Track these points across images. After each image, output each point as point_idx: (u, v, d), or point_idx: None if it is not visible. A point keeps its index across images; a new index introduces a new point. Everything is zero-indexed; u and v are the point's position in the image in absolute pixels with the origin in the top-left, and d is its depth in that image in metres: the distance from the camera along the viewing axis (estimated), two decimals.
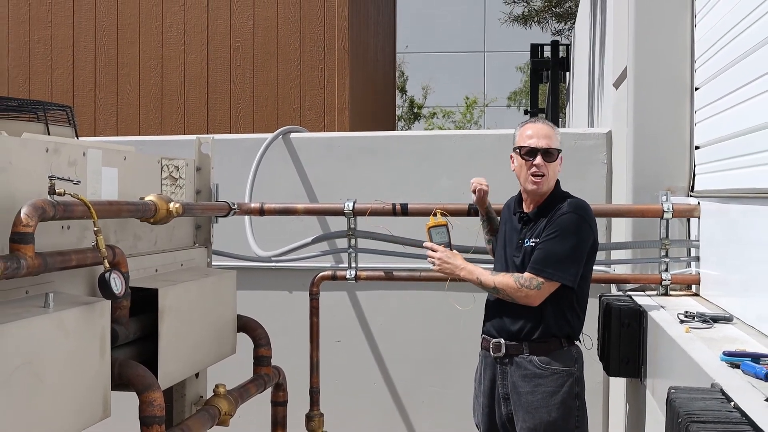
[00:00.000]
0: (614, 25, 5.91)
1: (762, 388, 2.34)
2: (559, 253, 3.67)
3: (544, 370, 3.71)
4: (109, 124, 9.39)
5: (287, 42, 9.15)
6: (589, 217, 3.79)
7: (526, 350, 3.73)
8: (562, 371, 3.72)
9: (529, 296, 3.66)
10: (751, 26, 3.36)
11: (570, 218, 3.71)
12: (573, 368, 3.75)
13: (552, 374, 3.71)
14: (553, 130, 3.87)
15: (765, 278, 3.18)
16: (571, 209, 3.73)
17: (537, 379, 3.71)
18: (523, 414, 3.71)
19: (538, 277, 3.65)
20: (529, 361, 3.72)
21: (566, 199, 3.80)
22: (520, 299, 3.68)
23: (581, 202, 3.82)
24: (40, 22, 9.54)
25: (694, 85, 4.45)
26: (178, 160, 4.06)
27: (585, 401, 3.80)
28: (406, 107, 27.21)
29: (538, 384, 3.70)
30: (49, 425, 2.59)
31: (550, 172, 3.80)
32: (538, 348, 3.72)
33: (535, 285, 3.65)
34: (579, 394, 3.76)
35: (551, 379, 3.70)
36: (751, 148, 3.35)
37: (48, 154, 2.98)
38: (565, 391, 3.70)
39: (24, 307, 2.62)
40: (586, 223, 3.75)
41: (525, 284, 3.65)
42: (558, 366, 3.71)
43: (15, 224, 2.59)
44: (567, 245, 3.68)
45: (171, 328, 3.41)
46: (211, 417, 3.69)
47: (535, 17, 15.65)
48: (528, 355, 3.73)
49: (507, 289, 3.69)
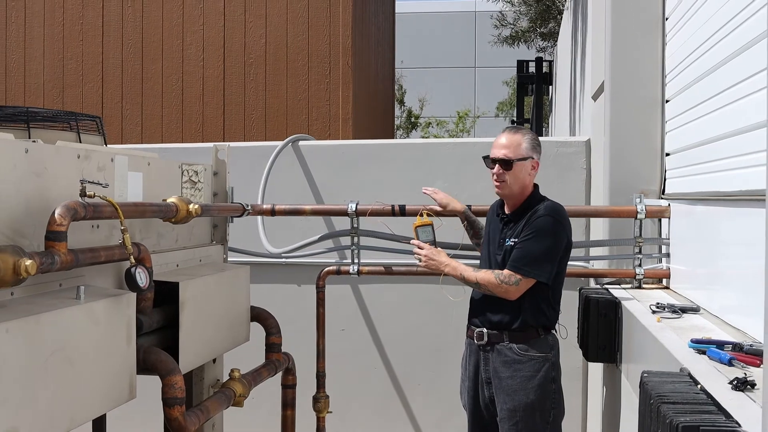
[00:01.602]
0: (592, 43, 5.91)
1: (725, 372, 2.34)
2: (536, 252, 3.68)
3: (523, 357, 3.72)
4: (134, 133, 9.39)
5: (296, 58, 9.15)
6: (563, 219, 3.79)
7: (506, 339, 3.75)
8: (539, 357, 3.73)
9: (508, 291, 3.68)
10: (713, 47, 3.37)
11: (546, 220, 3.71)
12: (549, 354, 3.76)
13: (530, 360, 3.72)
14: (515, 139, 3.82)
15: (728, 273, 3.19)
16: (547, 212, 3.73)
17: (516, 364, 3.72)
18: (504, 396, 3.73)
19: (517, 274, 3.66)
20: (509, 348, 3.74)
21: (543, 202, 3.80)
22: (500, 294, 3.70)
23: (556, 205, 3.82)
24: (72, 41, 9.55)
25: (664, 98, 4.45)
26: (197, 165, 4.06)
27: (561, 385, 3.81)
28: (404, 117, 27.17)
29: (517, 369, 3.72)
30: (81, 405, 2.59)
31: (509, 178, 3.79)
32: (517, 337, 3.74)
33: (513, 281, 3.66)
34: (555, 378, 3.77)
35: (529, 364, 3.72)
36: (714, 156, 3.36)
37: (79, 160, 2.99)
38: (541, 376, 3.71)
39: (58, 298, 2.63)
40: (560, 225, 3.75)
41: (504, 280, 3.67)
42: (535, 353, 3.73)
43: (50, 223, 2.59)
44: (543, 245, 3.69)
45: (190, 318, 3.42)
46: (227, 398, 3.70)
47: (522, 38, 15.66)
48: (508, 343, 3.74)
49: (488, 285, 3.71)
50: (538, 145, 3.89)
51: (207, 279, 3.66)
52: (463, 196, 5.49)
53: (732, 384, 2.17)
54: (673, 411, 2.01)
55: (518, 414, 3.69)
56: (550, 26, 15.24)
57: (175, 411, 3.11)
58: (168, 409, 3.10)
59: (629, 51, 4.55)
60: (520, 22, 15.62)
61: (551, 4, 14.62)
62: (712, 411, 2.01)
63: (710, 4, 3.47)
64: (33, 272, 2.37)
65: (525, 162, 3.81)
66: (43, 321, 2.39)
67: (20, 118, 3.29)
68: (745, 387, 2.15)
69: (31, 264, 2.35)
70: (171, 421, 3.14)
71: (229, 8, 9.28)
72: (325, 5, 9.10)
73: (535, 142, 3.86)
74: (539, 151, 3.89)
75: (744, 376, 2.19)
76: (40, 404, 2.37)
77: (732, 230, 3.12)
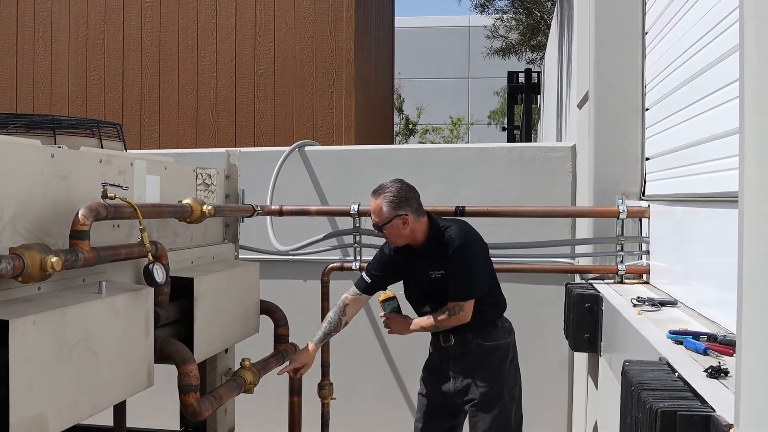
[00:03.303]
0: (578, 55, 5.91)
1: (701, 361, 2.34)
2: (467, 281, 3.75)
3: (488, 348, 3.83)
4: (152, 139, 9.39)
5: (302, 70, 9.15)
6: (472, 237, 3.79)
7: (470, 337, 3.83)
8: (502, 344, 3.86)
9: (460, 318, 3.76)
10: (690, 59, 3.37)
11: (460, 250, 3.71)
12: (508, 339, 3.90)
13: (495, 349, 3.83)
14: (376, 205, 3.76)
15: (704, 269, 3.19)
16: (456, 239, 3.71)
17: (483, 357, 3.83)
18: (473, 387, 3.82)
19: (460, 303, 3.75)
20: (475, 342, 3.83)
21: (447, 230, 3.76)
22: (456, 323, 3.78)
23: (459, 227, 3.78)
24: (95, 54, 9.55)
25: (645, 106, 4.45)
26: (210, 169, 4.06)
27: (519, 363, 3.95)
28: (403, 125, 27.17)
29: (484, 360, 3.82)
30: (103, 392, 2.60)
31: (392, 234, 3.78)
32: (479, 333, 3.83)
33: (458, 310, 3.75)
34: (513, 358, 3.92)
35: (495, 354, 3.84)
36: (691, 160, 3.36)
37: (101, 165, 2.99)
38: (506, 360, 3.86)
39: (81, 292, 2.63)
40: (472, 245, 3.76)
41: (453, 313, 3.76)
42: (498, 341, 3.85)
43: (74, 223, 2.60)
44: (469, 273, 3.74)
45: (204, 311, 3.42)
46: (238, 386, 3.69)
47: (512, 50, 15.67)
48: (473, 338, 3.83)
49: (444, 322, 3.78)
50: (402, 198, 3.75)
51: (219, 275, 3.66)
52: (456, 197, 5.51)
53: (707, 372, 2.17)
54: (653, 397, 2.01)
55: (490, 398, 3.79)
56: (539, 39, 15.25)
57: (190, 397, 3.11)
58: (183, 395, 3.10)
59: (612, 62, 4.55)
60: (511, 35, 15.65)
61: (540, 18, 14.64)
62: (689, 397, 2.01)
63: (687, 20, 3.47)
64: (58, 268, 2.37)
65: (393, 222, 3.74)
66: (67, 314, 2.39)
67: (46, 125, 3.29)
68: (719, 375, 2.14)
69: (56, 261, 2.36)
70: (186, 407, 3.14)
71: (240, 23, 9.28)
72: (329, 20, 9.10)
73: (395, 199, 3.73)
74: (404, 203, 3.74)
75: (718, 364, 2.19)
76: (65, 391, 2.37)
77: (707, 229, 3.12)
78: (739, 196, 1.59)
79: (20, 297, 2.42)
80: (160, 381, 3.06)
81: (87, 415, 2.50)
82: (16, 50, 9.65)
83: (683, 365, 2.31)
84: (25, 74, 9.65)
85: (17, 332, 2.15)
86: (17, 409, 2.15)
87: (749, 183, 1.55)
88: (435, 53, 29.20)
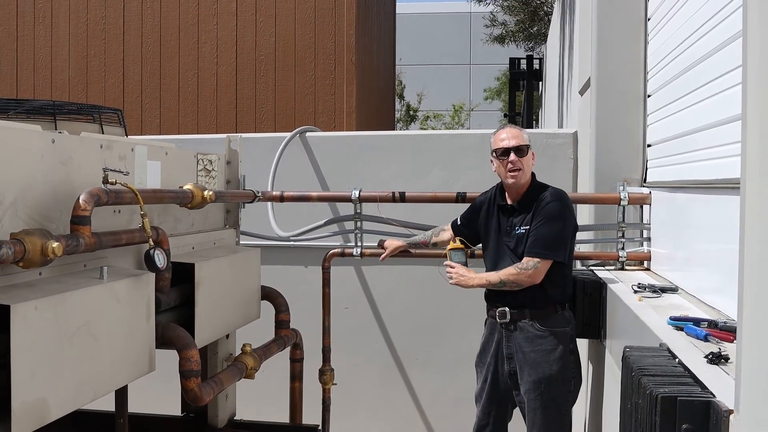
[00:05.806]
0: (579, 42, 5.89)
1: (702, 348, 2.34)
2: (549, 236, 3.67)
3: (544, 332, 3.72)
4: (153, 125, 9.38)
5: (303, 56, 9.12)
6: (569, 203, 3.80)
7: (527, 316, 3.74)
8: (559, 332, 3.74)
9: (531, 275, 3.65)
10: (692, 45, 3.36)
11: (554, 206, 3.70)
12: (567, 328, 3.78)
13: (551, 335, 3.72)
14: (521, 131, 3.88)
15: (704, 255, 3.18)
16: (554, 198, 3.72)
17: (539, 339, 3.72)
18: (528, 369, 3.73)
19: (534, 258, 3.65)
20: (531, 325, 3.74)
21: (546, 189, 3.79)
22: (525, 281, 3.67)
23: (560, 191, 3.81)
24: (95, 39, 9.52)
25: (646, 93, 4.44)
26: (211, 155, 4.05)
27: (579, 355, 3.83)
28: (404, 111, 27.10)
29: (540, 344, 3.72)
30: (105, 377, 2.60)
31: (524, 165, 3.79)
32: (537, 314, 3.73)
33: (532, 265, 3.65)
34: (573, 349, 3.79)
35: (550, 339, 3.72)
36: (693, 146, 3.35)
37: (102, 150, 2.98)
38: (561, 349, 3.73)
39: (83, 278, 2.63)
40: (567, 209, 3.76)
41: (524, 267, 3.66)
42: (555, 328, 3.73)
43: (75, 208, 2.60)
44: (554, 229, 3.68)
45: (205, 297, 3.42)
46: (239, 371, 3.71)
47: (510, 38, 15.65)
48: (530, 320, 3.74)
49: (511, 277, 3.68)
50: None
51: (221, 260, 3.66)
52: (458, 183, 5.50)
53: (707, 358, 2.18)
54: (653, 383, 2.02)
55: (542, 385, 3.70)
56: (536, 28, 15.24)
57: (192, 383, 3.12)
58: (185, 380, 3.11)
59: (614, 49, 4.54)
60: (510, 23, 15.63)
61: (538, 7, 14.62)
62: (689, 383, 2.01)
63: (689, 6, 3.46)
64: (59, 254, 2.37)
65: (530, 150, 3.85)
66: (69, 299, 2.39)
67: (47, 111, 3.28)
68: (720, 361, 2.15)
69: (57, 246, 2.36)
70: (187, 392, 3.16)
71: (240, 9, 9.24)
72: (330, 6, 9.06)
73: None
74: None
75: (719, 350, 2.19)
76: (66, 376, 2.38)
77: (708, 216, 3.12)
78: (740, 182, 1.58)
79: (21, 282, 2.42)
80: (162, 366, 3.06)
81: (88, 401, 2.50)
82: (17, 36, 9.62)
83: (684, 351, 2.31)
84: (25, 60, 9.62)
85: (18, 317, 2.15)
86: (19, 394, 2.15)
87: (751, 170, 1.54)
88: (436, 39, 29.11)
